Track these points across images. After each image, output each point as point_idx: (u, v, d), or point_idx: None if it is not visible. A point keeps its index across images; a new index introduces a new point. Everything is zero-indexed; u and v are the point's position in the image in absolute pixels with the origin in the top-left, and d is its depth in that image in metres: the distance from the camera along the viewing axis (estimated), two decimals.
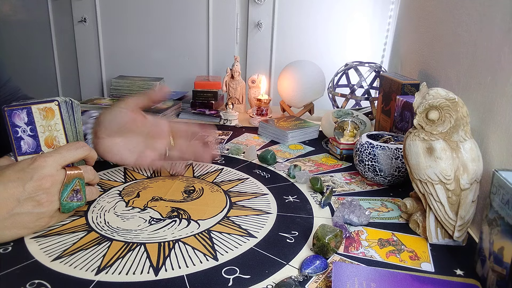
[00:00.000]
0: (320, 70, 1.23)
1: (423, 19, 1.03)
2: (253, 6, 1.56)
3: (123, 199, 0.67)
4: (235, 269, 0.50)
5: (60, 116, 0.57)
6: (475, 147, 0.57)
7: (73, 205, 0.56)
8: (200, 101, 1.26)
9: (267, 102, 1.21)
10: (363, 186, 0.77)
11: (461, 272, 0.51)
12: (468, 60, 0.74)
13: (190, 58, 1.66)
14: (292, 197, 0.71)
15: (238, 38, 1.62)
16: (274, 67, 1.61)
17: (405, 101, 0.86)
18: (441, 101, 0.56)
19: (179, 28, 1.63)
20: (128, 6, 1.64)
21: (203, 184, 0.74)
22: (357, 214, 0.61)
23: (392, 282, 0.47)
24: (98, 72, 1.76)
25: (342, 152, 0.89)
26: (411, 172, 0.59)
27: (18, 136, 0.57)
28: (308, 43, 1.57)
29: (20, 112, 0.56)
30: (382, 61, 1.45)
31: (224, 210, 0.65)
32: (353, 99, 1.22)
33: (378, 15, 1.50)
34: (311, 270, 0.50)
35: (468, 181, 0.55)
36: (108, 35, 1.70)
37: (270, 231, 0.59)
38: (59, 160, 0.54)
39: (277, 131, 1.03)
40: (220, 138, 1.03)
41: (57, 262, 0.50)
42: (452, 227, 0.56)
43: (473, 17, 0.74)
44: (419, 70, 1.03)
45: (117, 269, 0.49)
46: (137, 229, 0.58)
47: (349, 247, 0.56)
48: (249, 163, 0.87)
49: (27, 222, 0.52)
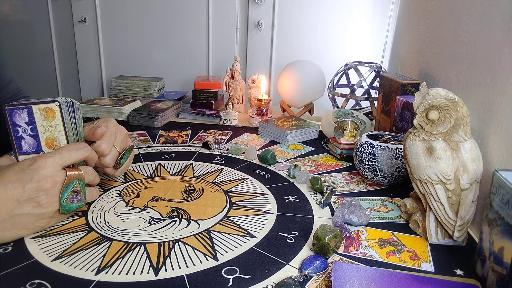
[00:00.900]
0: (320, 70, 1.23)
1: (423, 19, 1.03)
2: (253, 6, 1.56)
3: (123, 199, 0.67)
4: (235, 269, 0.50)
5: (61, 117, 0.57)
6: (475, 147, 0.57)
7: (73, 206, 0.56)
8: (200, 101, 1.26)
9: (267, 102, 1.21)
10: (363, 186, 0.77)
11: (461, 272, 0.51)
12: (468, 60, 0.74)
13: (190, 58, 1.66)
14: (292, 197, 0.71)
15: (238, 38, 1.62)
16: (274, 67, 1.61)
17: (405, 101, 0.86)
18: (441, 101, 0.56)
19: (179, 28, 1.63)
20: (128, 6, 1.64)
21: (203, 184, 0.74)
22: (357, 214, 0.62)
23: (392, 282, 0.47)
24: (98, 72, 1.76)
25: (342, 152, 0.89)
26: (411, 172, 0.59)
27: (18, 135, 0.57)
28: (308, 43, 1.57)
29: (21, 112, 0.56)
30: (382, 61, 1.45)
31: (224, 210, 0.65)
32: (353, 99, 1.22)
33: (378, 15, 1.50)
34: (311, 270, 0.50)
35: (468, 181, 0.55)
36: (108, 35, 1.70)
37: (270, 231, 0.59)
38: (60, 161, 0.54)
39: (277, 131, 1.03)
40: (221, 138, 1.03)
41: (57, 262, 0.50)
42: (452, 227, 0.56)
43: (473, 17, 0.74)
44: (419, 70, 1.03)
45: (117, 269, 0.49)
46: (137, 229, 0.58)
47: (349, 247, 0.56)
48: (249, 163, 0.87)
49: (27, 223, 0.52)
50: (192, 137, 1.03)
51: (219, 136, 1.05)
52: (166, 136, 1.04)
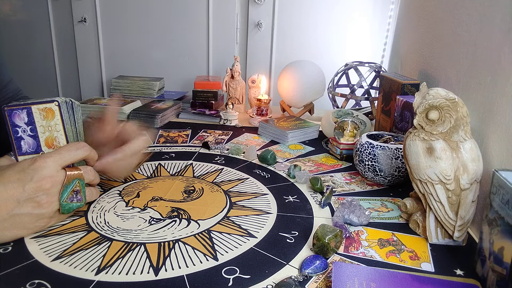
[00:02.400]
0: (320, 70, 1.23)
1: (423, 19, 1.03)
2: (253, 6, 1.56)
3: (123, 199, 0.67)
4: (235, 269, 0.50)
5: (60, 116, 0.57)
6: (475, 147, 0.57)
7: (73, 206, 0.56)
8: (200, 101, 1.26)
9: (267, 102, 1.21)
10: (363, 186, 0.77)
11: (461, 272, 0.51)
12: (468, 60, 0.74)
13: (190, 58, 1.66)
14: (292, 197, 0.71)
15: (238, 38, 1.62)
16: (274, 67, 1.61)
17: (405, 101, 0.86)
18: (441, 101, 0.56)
19: (179, 28, 1.63)
20: (128, 6, 1.64)
21: (203, 184, 0.74)
22: (357, 214, 0.62)
23: (392, 282, 0.47)
24: (98, 72, 1.76)
25: (342, 152, 0.89)
26: (411, 172, 0.59)
27: (18, 136, 0.57)
28: (308, 43, 1.56)
29: (20, 112, 0.56)
30: (382, 61, 1.44)
31: (224, 210, 0.65)
32: (353, 99, 1.22)
33: (378, 15, 1.50)
34: (311, 270, 0.50)
35: (468, 181, 0.55)
36: (108, 35, 1.70)
37: (270, 231, 0.59)
38: (59, 161, 0.54)
39: (277, 131, 1.03)
40: (221, 138, 1.03)
41: (57, 262, 0.50)
42: (452, 227, 0.56)
43: (473, 17, 0.74)
44: (419, 70, 1.03)
45: (117, 269, 0.49)
46: (137, 229, 0.58)
47: (349, 247, 0.56)
48: (249, 163, 0.87)
49: (26, 222, 0.52)
50: (192, 137, 1.03)
51: (219, 136, 1.05)
52: (166, 136, 1.04)
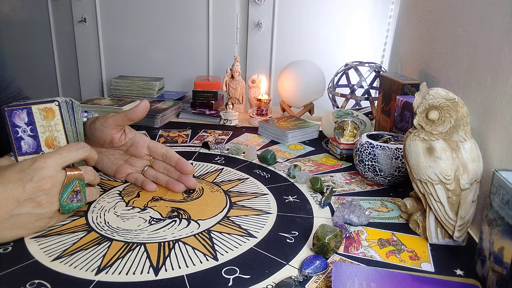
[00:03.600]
0: (320, 70, 1.23)
1: (423, 19, 1.03)
2: (253, 6, 1.56)
3: (123, 199, 0.67)
4: (235, 269, 0.50)
5: (61, 116, 0.57)
6: (475, 147, 0.57)
7: (73, 206, 0.56)
8: (200, 101, 1.26)
9: (267, 102, 1.21)
10: (363, 186, 0.77)
11: (461, 272, 0.51)
12: (468, 60, 0.74)
13: (190, 58, 1.66)
14: (292, 197, 0.71)
15: (238, 38, 1.62)
16: (274, 67, 1.61)
17: (405, 101, 0.86)
18: (441, 101, 0.56)
19: (179, 28, 1.63)
20: (128, 6, 1.64)
21: (203, 184, 0.74)
22: (357, 214, 0.62)
23: (392, 282, 0.47)
24: (98, 72, 1.76)
25: (342, 152, 0.89)
26: (411, 172, 0.59)
27: (18, 136, 0.57)
28: (308, 43, 1.57)
29: (20, 112, 0.56)
30: (382, 61, 1.44)
31: (224, 210, 0.65)
32: (353, 99, 1.22)
33: (378, 15, 1.50)
34: (311, 270, 0.50)
35: (468, 181, 0.55)
36: (108, 35, 1.70)
37: (270, 231, 0.59)
38: (59, 161, 0.54)
39: (277, 131, 1.03)
40: (221, 138, 1.03)
41: (57, 262, 0.50)
42: (452, 227, 0.56)
43: (473, 17, 0.74)
44: (419, 70, 1.03)
45: (117, 269, 0.49)
46: (137, 229, 0.58)
47: (349, 247, 0.56)
48: (249, 163, 0.87)
49: (26, 222, 0.52)
50: (192, 137, 1.03)
51: (219, 136, 1.05)
52: (166, 136, 1.04)
